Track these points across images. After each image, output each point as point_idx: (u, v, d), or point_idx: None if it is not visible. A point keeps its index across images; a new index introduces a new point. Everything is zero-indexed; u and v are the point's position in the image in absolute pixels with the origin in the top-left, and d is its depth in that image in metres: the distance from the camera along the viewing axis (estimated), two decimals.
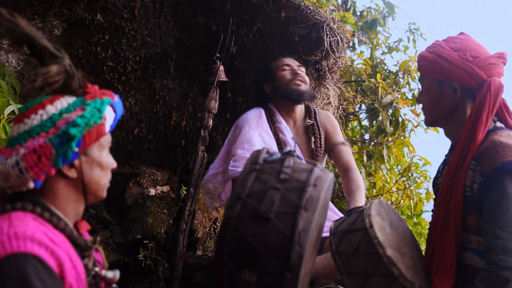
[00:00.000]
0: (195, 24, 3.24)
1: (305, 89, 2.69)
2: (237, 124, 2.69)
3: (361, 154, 4.13)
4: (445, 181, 1.67)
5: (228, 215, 1.20)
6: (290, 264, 1.14)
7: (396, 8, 5.19)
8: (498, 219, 1.52)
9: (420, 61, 1.77)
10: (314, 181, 1.23)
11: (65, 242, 1.15)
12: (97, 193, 1.24)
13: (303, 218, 1.17)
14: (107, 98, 1.21)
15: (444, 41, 1.74)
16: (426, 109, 1.80)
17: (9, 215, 1.11)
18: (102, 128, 1.17)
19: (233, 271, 1.17)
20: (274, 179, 1.24)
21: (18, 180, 1.11)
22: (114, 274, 1.25)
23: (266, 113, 2.74)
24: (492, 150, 1.56)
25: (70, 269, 1.11)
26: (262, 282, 1.16)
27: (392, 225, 1.72)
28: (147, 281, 3.04)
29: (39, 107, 1.16)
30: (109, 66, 3.29)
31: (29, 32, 1.14)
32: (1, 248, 1.04)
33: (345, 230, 1.69)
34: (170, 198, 3.38)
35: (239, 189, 1.22)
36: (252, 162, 1.29)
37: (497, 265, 1.49)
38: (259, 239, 1.16)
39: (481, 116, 1.63)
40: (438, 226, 1.67)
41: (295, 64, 2.76)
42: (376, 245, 1.59)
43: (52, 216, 1.15)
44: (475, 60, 1.66)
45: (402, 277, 1.58)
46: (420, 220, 4.38)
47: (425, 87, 1.77)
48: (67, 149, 1.12)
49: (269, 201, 1.19)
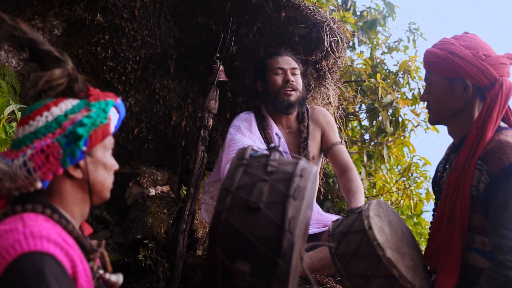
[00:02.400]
0: (195, 24, 3.24)
1: (294, 99, 2.62)
2: (229, 131, 2.65)
3: (361, 154, 4.13)
4: (453, 179, 1.66)
5: (218, 208, 1.22)
6: (282, 251, 1.16)
7: (396, 8, 5.19)
8: (505, 219, 1.52)
9: (429, 58, 1.73)
10: (300, 172, 1.27)
11: (74, 244, 1.16)
12: (102, 194, 1.26)
13: (292, 207, 1.20)
14: (111, 100, 1.23)
15: (454, 39, 1.72)
16: (432, 107, 1.76)
17: (21, 216, 1.12)
18: (107, 128, 1.20)
19: (226, 262, 1.19)
20: (261, 172, 1.27)
21: (26, 181, 1.13)
22: (117, 278, 1.27)
23: (257, 119, 2.70)
24: (500, 150, 1.56)
25: (81, 270, 1.13)
26: (255, 272, 1.18)
27: (391, 225, 1.72)
28: (147, 281, 3.05)
29: (43, 109, 1.18)
30: (109, 66, 3.30)
31: (32, 37, 1.16)
32: (18, 246, 1.05)
33: (344, 232, 1.69)
34: (170, 198, 3.38)
35: (228, 183, 1.25)
36: (239, 158, 1.32)
37: (504, 266, 1.50)
38: (251, 229, 1.18)
39: (492, 114, 1.63)
40: (443, 225, 1.67)
41: (289, 66, 2.67)
42: (376, 247, 1.59)
43: (61, 218, 1.17)
44: (488, 58, 1.65)
45: (403, 278, 1.58)
46: (420, 220, 4.38)
47: (433, 84, 1.73)
48: (74, 148, 1.14)
49: (258, 192, 1.22)
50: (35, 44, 1.16)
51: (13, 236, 1.07)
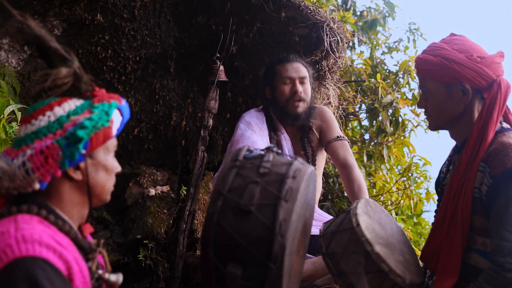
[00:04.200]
0: (195, 24, 3.24)
1: (302, 111, 2.59)
2: (239, 126, 2.62)
3: (361, 154, 4.13)
4: (455, 181, 1.66)
5: (210, 211, 1.22)
6: (273, 254, 1.16)
7: (396, 8, 5.19)
8: (506, 221, 1.52)
9: (423, 65, 1.70)
10: (293, 173, 1.26)
11: (70, 245, 1.15)
12: (102, 196, 1.24)
13: (284, 209, 1.19)
14: (115, 102, 1.21)
15: (444, 43, 1.70)
16: (432, 113, 1.74)
17: (15, 218, 1.11)
18: (109, 131, 1.18)
19: (218, 266, 1.19)
20: (254, 174, 1.26)
21: (24, 181, 1.12)
22: (117, 278, 1.25)
23: (268, 120, 2.67)
24: (502, 152, 1.55)
25: (77, 271, 1.12)
26: (247, 275, 1.17)
27: (380, 223, 1.74)
28: (147, 281, 3.04)
29: (46, 108, 1.16)
30: (109, 66, 3.30)
31: (40, 34, 1.14)
32: (10, 251, 1.04)
33: (333, 231, 1.71)
34: (170, 198, 3.38)
35: (220, 185, 1.25)
36: (233, 159, 1.32)
37: (503, 267, 1.50)
38: (242, 232, 1.18)
39: (492, 115, 1.62)
40: (444, 225, 1.67)
41: (298, 75, 2.60)
42: (364, 243, 1.61)
43: (57, 219, 1.16)
44: (483, 60, 1.64)
45: (392, 272, 1.59)
46: (420, 220, 4.38)
47: (430, 92, 1.71)
48: (74, 150, 1.12)
49: (249, 195, 1.22)
50: (41, 41, 1.15)
51: (5, 240, 1.06)
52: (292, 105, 2.59)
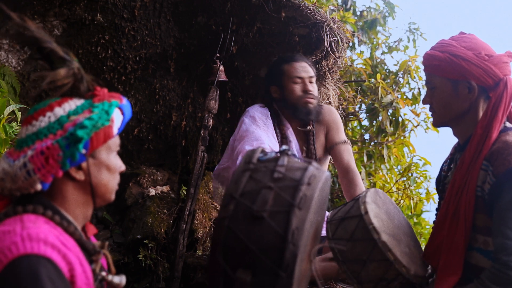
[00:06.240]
0: (195, 24, 3.24)
1: (313, 108, 2.64)
2: (244, 121, 2.63)
3: (361, 154, 4.13)
4: (457, 178, 1.67)
5: (221, 215, 1.20)
6: (284, 263, 1.13)
7: (396, 8, 5.18)
8: (510, 220, 1.53)
9: (431, 61, 1.71)
10: (308, 179, 1.22)
11: (75, 246, 1.15)
12: (105, 196, 1.24)
13: (297, 217, 1.16)
14: (115, 101, 1.21)
15: (453, 40, 1.71)
16: (437, 110, 1.75)
17: (21, 217, 1.12)
18: (109, 131, 1.17)
19: (227, 271, 1.17)
20: (267, 178, 1.23)
21: (25, 182, 1.12)
22: (120, 279, 1.25)
23: (273, 116, 2.69)
24: (506, 151, 1.56)
25: (80, 273, 1.12)
26: (257, 282, 1.15)
27: (388, 214, 1.74)
28: (147, 281, 3.04)
29: (47, 109, 1.16)
30: (109, 66, 3.29)
31: (38, 36, 1.14)
32: (15, 248, 1.04)
33: (341, 218, 1.71)
34: (170, 198, 3.38)
35: (232, 189, 1.22)
36: (246, 161, 1.28)
37: (507, 266, 1.51)
38: (253, 239, 1.16)
39: (497, 114, 1.63)
40: (446, 223, 1.67)
41: (308, 74, 2.65)
42: (371, 231, 1.61)
43: (63, 220, 1.16)
44: (491, 58, 1.65)
45: (398, 262, 1.59)
46: (420, 220, 4.37)
47: (436, 88, 1.72)
48: (74, 151, 1.12)
49: (262, 200, 1.19)
50: (40, 43, 1.14)
51: (11, 238, 1.06)
52: (305, 103, 2.62)
